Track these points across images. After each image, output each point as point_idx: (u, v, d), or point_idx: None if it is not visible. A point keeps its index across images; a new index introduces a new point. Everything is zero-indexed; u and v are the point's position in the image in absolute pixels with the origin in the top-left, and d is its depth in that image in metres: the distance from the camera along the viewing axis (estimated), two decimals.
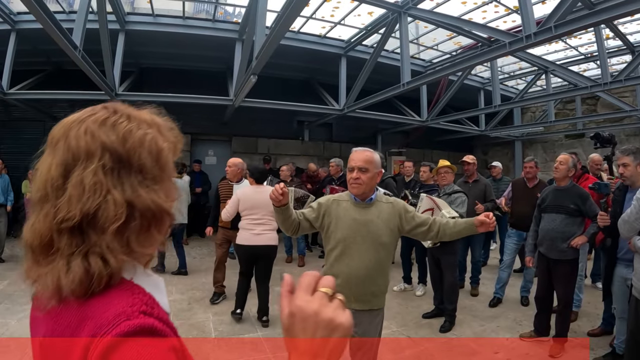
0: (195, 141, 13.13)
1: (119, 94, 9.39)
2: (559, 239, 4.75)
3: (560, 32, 5.20)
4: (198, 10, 11.61)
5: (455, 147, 16.04)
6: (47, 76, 11.14)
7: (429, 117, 12.48)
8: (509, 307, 6.41)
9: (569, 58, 11.50)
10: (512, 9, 8.45)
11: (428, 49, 11.84)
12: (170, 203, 1.00)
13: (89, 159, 0.88)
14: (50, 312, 0.86)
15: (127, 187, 0.90)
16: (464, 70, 10.39)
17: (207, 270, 8.32)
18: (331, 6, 9.01)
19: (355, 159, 3.08)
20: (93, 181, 0.86)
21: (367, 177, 3.05)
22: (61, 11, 9.26)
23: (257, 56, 6.21)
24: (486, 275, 7.61)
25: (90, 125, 0.93)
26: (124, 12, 9.30)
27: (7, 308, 6.04)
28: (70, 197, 0.85)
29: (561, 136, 14.30)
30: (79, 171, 0.87)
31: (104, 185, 0.87)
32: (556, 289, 4.89)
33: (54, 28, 5.40)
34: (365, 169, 3.05)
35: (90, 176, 0.86)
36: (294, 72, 12.34)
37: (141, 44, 10.31)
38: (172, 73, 12.05)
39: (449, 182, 6.04)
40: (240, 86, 8.21)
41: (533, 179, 6.51)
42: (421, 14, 8.26)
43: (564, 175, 4.85)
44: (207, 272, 8.19)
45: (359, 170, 3.05)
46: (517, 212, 6.55)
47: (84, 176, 0.86)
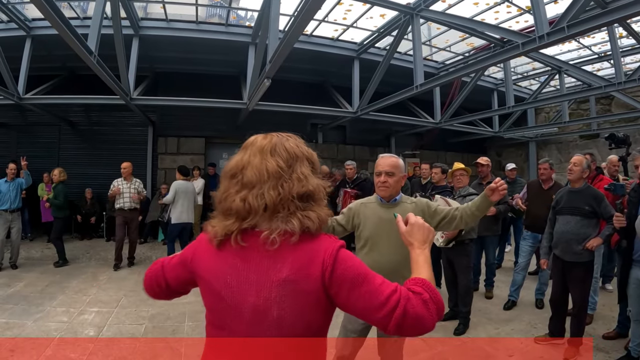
0: (209, 144, 13.23)
1: (134, 99, 9.50)
2: (574, 241, 4.69)
3: (573, 32, 5.19)
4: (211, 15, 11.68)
5: (469, 149, 15.98)
6: (62, 81, 11.31)
7: (443, 119, 12.45)
8: (524, 310, 6.36)
9: (583, 57, 11.40)
10: (524, 9, 8.42)
11: (441, 50, 11.82)
12: None
13: (300, 161, 1.54)
14: (271, 252, 1.40)
15: (315, 176, 1.56)
16: (477, 72, 10.36)
17: None
18: (343, 9, 9.05)
19: (383, 164, 3.34)
20: (306, 173, 1.52)
21: (393, 181, 3.31)
22: (76, 17, 9.38)
23: (271, 60, 6.24)
24: (500, 278, 7.54)
25: (294, 141, 1.61)
26: (138, 17, 9.42)
27: (23, 309, 6.13)
28: (298, 180, 1.48)
29: (576, 137, 14.17)
30: (297, 166, 1.52)
31: (310, 175, 1.53)
32: (571, 291, 4.84)
33: (69, 34, 5.47)
34: (392, 173, 3.31)
35: (305, 170, 1.53)
36: (307, 75, 12.38)
37: (155, 49, 10.43)
38: (186, 77, 12.16)
39: (463, 185, 6.02)
40: (254, 90, 8.26)
41: (548, 181, 6.42)
42: (433, 16, 8.26)
43: (578, 177, 4.79)
44: None
45: (386, 174, 3.30)
46: (532, 214, 6.48)
47: (302, 169, 1.52)
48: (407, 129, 14.41)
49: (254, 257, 1.42)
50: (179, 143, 12.91)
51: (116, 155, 11.86)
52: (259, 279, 1.40)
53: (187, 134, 12.93)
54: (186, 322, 5.83)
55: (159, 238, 11.57)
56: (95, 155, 12.41)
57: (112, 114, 12.35)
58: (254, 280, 1.40)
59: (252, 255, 1.43)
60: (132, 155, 11.91)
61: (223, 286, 1.45)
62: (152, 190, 12.22)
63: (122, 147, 12.39)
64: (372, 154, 14.62)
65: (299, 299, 1.38)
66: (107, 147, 12.44)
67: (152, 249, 10.44)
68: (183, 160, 12.50)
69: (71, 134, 12.61)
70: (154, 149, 12.76)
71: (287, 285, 1.37)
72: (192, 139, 12.97)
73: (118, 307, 6.33)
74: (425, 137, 15.54)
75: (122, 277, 8.02)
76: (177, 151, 12.85)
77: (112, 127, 12.63)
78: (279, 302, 1.37)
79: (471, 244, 5.84)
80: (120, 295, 6.91)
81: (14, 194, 8.52)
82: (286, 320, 1.38)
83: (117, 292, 7.05)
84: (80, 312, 6.06)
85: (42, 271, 8.29)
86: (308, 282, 1.38)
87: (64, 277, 7.92)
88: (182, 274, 1.67)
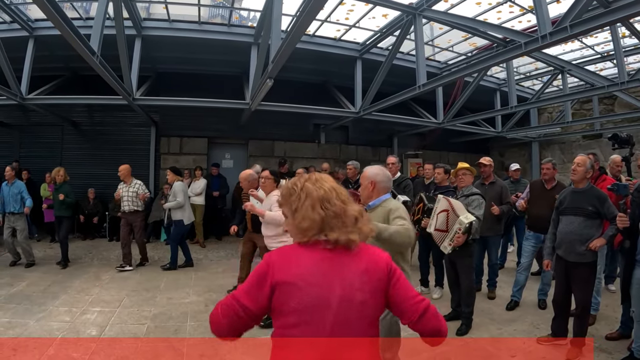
0: (212, 145, 13.26)
1: (137, 99, 9.52)
2: (577, 242, 4.67)
3: (576, 32, 5.17)
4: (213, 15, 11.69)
5: (472, 149, 15.96)
6: (65, 81, 11.34)
7: (445, 119, 12.44)
8: (527, 311, 6.34)
9: (585, 57, 11.38)
10: (527, 8, 8.40)
11: (443, 50, 11.81)
12: None
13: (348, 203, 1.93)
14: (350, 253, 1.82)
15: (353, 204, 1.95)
16: (479, 72, 10.35)
17: (223, 272, 8.39)
18: (346, 9, 9.04)
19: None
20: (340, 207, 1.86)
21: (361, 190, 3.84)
22: (78, 17, 9.40)
23: (273, 60, 6.24)
24: (503, 278, 7.54)
25: (331, 182, 1.96)
26: (141, 18, 9.44)
27: (26, 309, 6.14)
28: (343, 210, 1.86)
29: (579, 137, 14.15)
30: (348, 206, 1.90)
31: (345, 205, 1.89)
32: (574, 292, 4.82)
33: (72, 35, 5.49)
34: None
35: (339, 203, 1.86)
36: (310, 75, 12.38)
37: (158, 49, 10.46)
38: (189, 77, 12.18)
39: (467, 184, 5.99)
40: (256, 90, 8.27)
41: (551, 181, 6.39)
42: (436, 16, 8.26)
43: (582, 177, 4.77)
44: (224, 274, 8.27)
45: None
46: (535, 214, 6.45)
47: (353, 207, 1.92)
48: (410, 129, 14.39)
49: (336, 257, 1.80)
50: (181, 143, 12.94)
51: (119, 155, 11.93)
52: (342, 273, 1.76)
53: (189, 134, 12.97)
54: (188, 322, 5.83)
55: (161, 238, 11.58)
56: (98, 156, 12.44)
57: (114, 114, 12.39)
58: (338, 275, 1.75)
59: (334, 257, 1.80)
60: (134, 155, 12.01)
61: (312, 284, 1.72)
62: (154, 191, 12.25)
63: (125, 147, 12.45)
64: (375, 154, 14.63)
65: (375, 284, 1.78)
66: (110, 147, 12.49)
67: (154, 249, 10.44)
68: (186, 160, 12.54)
69: (74, 134, 12.65)
70: (157, 149, 12.80)
71: (366, 274, 1.78)
72: (195, 139, 13.00)
73: (120, 307, 6.33)
74: (427, 137, 15.51)
75: (125, 277, 8.02)
76: (179, 151, 12.88)
77: (114, 127, 12.67)
78: (361, 288, 1.75)
79: (474, 244, 5.80)
80: (122, 295, 6.92)
81: (17, 197, 8.55)
82: (368, 303, 1.75)
83: (120, 292, 7.06)
84: (83, 312, 6.07)
85: (45, 271, 8.30)
86: (378, 272, 1.81)
87: (67, 276, 7.93)
88: (261, 292, 1.78)
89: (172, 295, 7.01)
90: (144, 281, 7.78)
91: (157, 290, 7.25)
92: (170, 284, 7.68)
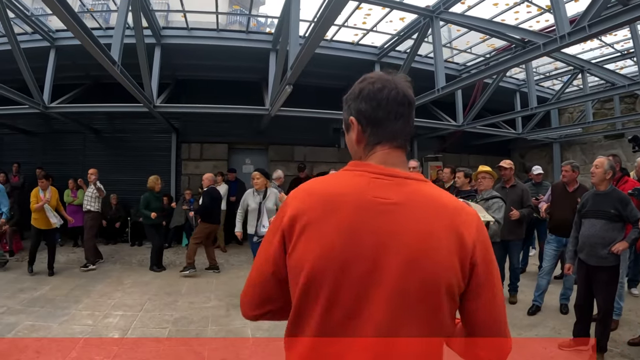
0: (232, 150, 13.38)
1: (157, 106, 9.64)
2: (599, 245, 4.60)
3: (595, 32, 5.12)
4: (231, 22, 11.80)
5: (492, 151, 15.78)
6: (86, 90, 11.52)
7: (465, 121, 12.33)
8: (548, 316, 6.27)
9: (605, 56, 11.21)
10: (544, 8, 8.33)
11: (461, 52, 11.77)
12: None
13: None
14: None
15: None
16: (498, 73, 10.29)
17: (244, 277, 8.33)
18: (363, 13, 9.07)
19: None
20: None
21: None
22: (98, 27, 9.56)
23: (292, 66, 6.28)
24: (525, 282, 7.44)
25: None
26: (160, 26, 9.57)
27: (49, 312, 6.26)
28: None
29: (600, 137, 13.88)
30: None
31: None
32: (596, 296, 4.75)
33: (93, 45, 5.58)
34: None
35: None
36: (328, 80, 12.39)
37: (177, 57, 10.59)
38: (208, 84, 12.31)
39: (486, 188, 5.96)
40: (276, 96, 8.32)
41: (573, 183, 6.30)
42: (453, 18, 8.23)
43: (601, 179, 4.72)
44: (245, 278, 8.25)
45: None
46: (557, 217, 6.37)
47: None
48: (430, 132, 14.25)
49: None
50: (202, 149, 13.08)
51: (140, 161, 12.13)
52: None
53: (210, 140, 13.10)
54: (209, 326, 5.89)
55: (182, 243, 11.68)
56: (119, 162, 12.62)
57: (135, 121, 12.55)
58: None
59: None
60: (155, 161, 12.17)
61: None
62: (176, 196, 12.40)
63: (146, 154, 12.64)
64: None
65: None
66: (131, 154, 12.69)
67: (176, 254, 10.56)
68: (206, 166, 12.65)
69: (95, 141, 12.87)
70: (178, 154, 12.93)
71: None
72: (215, 144, 13.14)
73: (142, 311, 6.42)
74: (447, 139, 15.36)
75: (147, 282, 8.13)
76: (200, 157, 13.02)
77: (135, 134, 12.86)
78: None
79: (495, 247, 5.73)
80: (144, 299, 7.01)
81: None
82: None
83: (142, 296, 7.15)
84: (105, 315, 6.17)
85: (68, 275, 8.47)
86: None
87: (89, 280, 8.07)
88: None
89: (193, 299, 7.08)
90: (165, 285, 7.87)
91: (179, 295, 7.33)
92: (192, 288, 7.75)
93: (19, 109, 9.61)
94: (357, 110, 1.40)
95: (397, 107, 1.34)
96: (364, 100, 1.38)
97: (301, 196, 1.34)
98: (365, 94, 1.38)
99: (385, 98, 1.34)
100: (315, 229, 1.24)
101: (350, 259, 1.20)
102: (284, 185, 10.10)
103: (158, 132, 12.79)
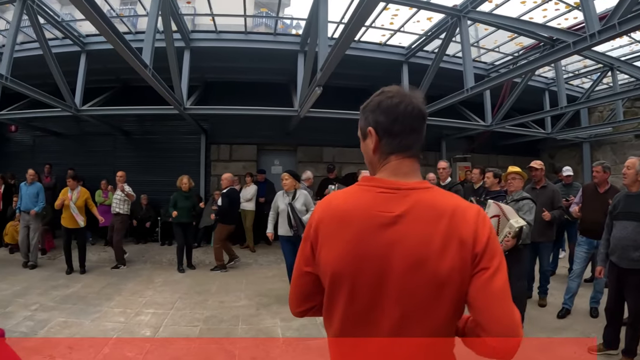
0: (261, 151, 13.51)
1: (188, 108, 9.80)
2: (631, 248, 4.50)
3: (625, 29, 5.03)
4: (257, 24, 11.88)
5: (521, 151, 15.53)
6: (117, 93, 11.78)
7: (494, 121, 12.20)
8: (578, 319, 6.17)
9: (635, 53, 10.97)
10: (572, 5, 8.20)
11: (489, 51, 11.67)
12: None
13: None
14: None
15: None
16: (527, 73, 10.17)
17: (273, 277, 8.51)
18: (390, 14, 9.04)
19: None
20: None
21: None
22: (128, 32, 9.75)
23: (322, 68, 6.31)
24: (555, 285, 7.34)
25: None
26: (188, 30, 9.72)
27: (81, 309, 6.44)
28: None
29: (631, 136, 13.52)
30: None
31: None
32: (627, 300, 4.67)
33: (125, 50, 5.70)
34: None
35: None
36: (356, 80, 12.38)
37: (206, 60, 10.71)
38: (237, 86, 12.45)
39: (516, 189, 5.87)
40: (305, 97, 8.36)
41: (604, 184, 6.19)
42: (481, 17, 8.16)
43: (633, 180, 4.64)
44: (274, 278, 8.39)
45: None
46: (588, 219, 6.26)
47: None
48: (458, 132, 14.19)
49: None
50: (231, 150, 13.24)
51: (170, 162, 12.34)
52: None
53: (239, 141, 13.25)
54: (240, 325, 5.96)
55: (211, 243, 11.79)
56: (149, 163, 12.90)
57: (165, 123, 12.79)
58: None
59: None
60: (185, 162, 12.35)
61: None
62: (205, 197, 12.57)
63: (176, 155, 12.87)
64: (423, 158, 14.38)
65: None
66: (161, 155, 12.94)
67: (205, 253, 10.69)
68: (235, 167, 12.79)
69: (126, 142, 13.18)
70: (207, 156, 13.12)
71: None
72: (244, 146, 13.27)
73: (173, 309, 6.55)
74: (476, 140, 15.20)
75: (177, 280, 8.28)
76: (229, 158, 13.18)
77: (165, 136, 13.10)
78: None
79: (525, 250, 5.68)
80: (175, 297, 7.14)
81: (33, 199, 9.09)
82: None
83: (173, 295, 7.29)
84: (137, 313, 6.32)
85: (99, 273, 8.71)
86: None
87: (120, 279, 8.27)
88: None
89: (223, 298, 7.18)
90: (195, 285, 7.99)
91: (209, 294, 7.44)
92: (222, 287, 7.87)
93: (52, 112, 9.88)
94: (375, 121, 1.52)
95: (412, 121, 1.49)
96: (383, 113, 1.50)
97: (322, 208, 1.54)
98: (383, 107, 1.50)
99: (402, 112, 1.47)
100: (332, 238, 1.45)
101: (361, 266, 1.39)
102: (313, 186, 10.17)
103: (187, 134, 12.99)
